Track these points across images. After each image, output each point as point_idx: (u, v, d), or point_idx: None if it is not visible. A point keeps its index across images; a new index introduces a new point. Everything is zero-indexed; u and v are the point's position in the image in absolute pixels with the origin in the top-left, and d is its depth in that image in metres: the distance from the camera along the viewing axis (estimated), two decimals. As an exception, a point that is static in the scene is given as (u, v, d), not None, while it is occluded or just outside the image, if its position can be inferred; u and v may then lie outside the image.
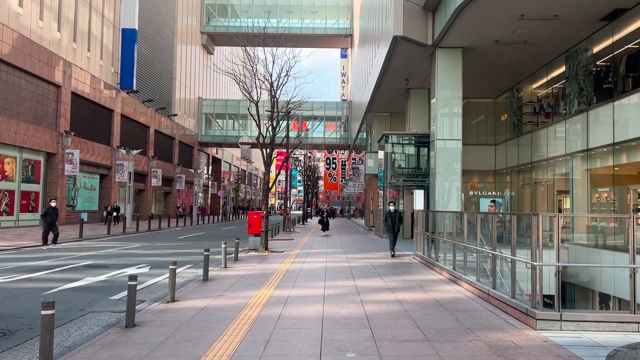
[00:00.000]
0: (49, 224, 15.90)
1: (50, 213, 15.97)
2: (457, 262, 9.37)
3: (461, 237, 9.29)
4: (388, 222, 14.28)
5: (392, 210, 14.45)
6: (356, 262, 12.58)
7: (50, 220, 15.90)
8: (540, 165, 21.88)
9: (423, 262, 12.14)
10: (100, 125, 32.79)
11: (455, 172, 19.39)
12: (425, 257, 11.92)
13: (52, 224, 15.95)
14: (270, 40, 14.67)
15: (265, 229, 14.82)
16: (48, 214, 15.95)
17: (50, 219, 15.90)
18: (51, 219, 15.91)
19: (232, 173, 71.23)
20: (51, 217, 15.92)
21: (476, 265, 7.98)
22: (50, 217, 15.90)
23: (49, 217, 15.89)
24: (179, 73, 47.74)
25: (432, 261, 11.20)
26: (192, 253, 15.04)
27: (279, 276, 9.88)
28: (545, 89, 21.74)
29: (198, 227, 31.79)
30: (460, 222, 9.89)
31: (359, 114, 42.82)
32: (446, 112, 19.61)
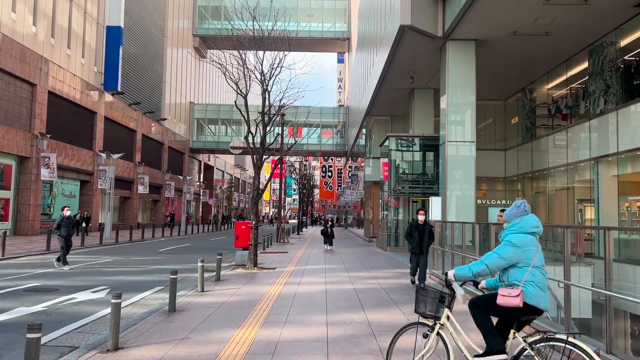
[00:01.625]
0: (64, 238, 12.89)
1: (65, 224, 13.03)
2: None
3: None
4: (414, 237, 10.20)
5: (421, 222, 10.26)
6: (362, 283, 10.52)
7: (65, 233, 12.92)
8: (557, 172, 19.96)
9: (442, 282, 10.11)
10: (82, 128, 30.66)
11: (468, 178, 17.45)
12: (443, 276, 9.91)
13: (67, 238, 13.00)
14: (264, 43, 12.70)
15: (254, 241, 12.74)
16: (62, 225, 12.98)
17: (65, 232, 12.92)
18: (67, 232, 12.97)
19: (225, 181, 69.06)
20: (66, 230, 13.00)
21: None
22: (65, 230, 12.97)
23: (63, 230, 12.94)
24: (169, 76, 45.75)
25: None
26: (169, 270, 12.90)
27: (267, 305, 7.80)
28: (563, 88, 19.90)
29: (185, 238, 29.60)
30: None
31: (357, 119, 40.93)
32: (458, 111, 17.70)
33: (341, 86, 63.31)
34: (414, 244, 10.22)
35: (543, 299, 3.61)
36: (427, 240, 10.23)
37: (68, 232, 13.04)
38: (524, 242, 3.68)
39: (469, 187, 17.30)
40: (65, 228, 12.96)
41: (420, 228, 10.25)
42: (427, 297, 4.09)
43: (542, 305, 3.60)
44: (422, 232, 10.23)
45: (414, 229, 10.28)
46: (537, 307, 3.58)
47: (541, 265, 3.70)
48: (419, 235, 10.19)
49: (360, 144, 43.51)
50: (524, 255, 3.65)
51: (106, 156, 24.93)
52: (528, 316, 3.64)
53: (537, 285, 3.58)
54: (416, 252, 10.19)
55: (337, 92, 63.56)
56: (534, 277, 3.60)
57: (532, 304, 3.56)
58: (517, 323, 3.65)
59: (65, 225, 12.99)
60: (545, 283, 3.66)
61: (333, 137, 52.71)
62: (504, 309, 3.64)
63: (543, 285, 3.63)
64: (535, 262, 3.64)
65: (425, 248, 10.18)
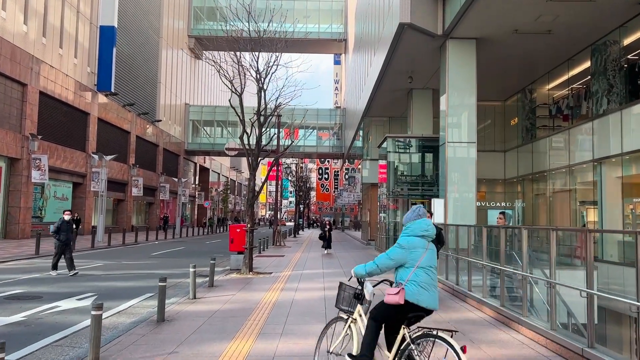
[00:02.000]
0: (63, 243, 12.13)
1: (64, 228, 12.29)
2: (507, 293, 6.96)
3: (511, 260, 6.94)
4: None
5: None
6: (361, 288, 10.07)
7: (64, 238, 12.17)
8: (558, 173, 19.61)
9: (447, 290, 9.67)
10: (74, 129, 30.12)
11: (468, 180, 17.07)
12: (450, 284, 9.45)
13: (66, 243, 12.22)
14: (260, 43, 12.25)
15: (249, 245, 12.29)
16: (61, 229, 12.25)
17: (64, 237, 12.19)
18: (65, 237, 12.21)
19: (221, 183, 68.50)
20: (65, 234, 12.25)
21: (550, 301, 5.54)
22: (64, 234, 12.22)
23: (62, 234, 12.20)
24: (164, 77, 45.25)
25: (461, 290, 8.74)
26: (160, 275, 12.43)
27: (263, 313, 7.35)
28: (564, 88, 19.57)
29: (179, 241, 29.09)
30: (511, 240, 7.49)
31: (354, 121, 40.54)
32: (458, 111, 17.32)
33: (338, 88, 62.96)
34: None
35: (424, 297, 3.77)
36: (437, 245, 9.31)
37: (67, 237, 12.30)
38: (411, 244, 3.91)
39: (469, 189, 16.91)
40: (64, 232, 12.24)
41: None
42: (345, 294, 4.39)
43: (423, 303, 3.76)
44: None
45: None
46: (418, 304, 3.75)
47: (428, 266, 3.88)
48: None
49: (357, 146, 43.12)
50: (410, 256, 3.86)
51: (99, 158, 24.41)
52: (415, 313, 3.80)
53: (418, 285, 3.78)
54: None
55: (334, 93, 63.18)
56: (417, 276, 3.81)
57: (412, 302, 3.75)
58: (407, 320, 3.81)
59: (64, 230, 12.27)
60: (429, 282, 3.83)
61: (330, 139, 52.32)
62: (392, 307, 3.81)
63: (426, 285, 3.81)
64: (420, 263, 3.84)
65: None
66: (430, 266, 3.91)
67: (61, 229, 12.28)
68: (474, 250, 9.42)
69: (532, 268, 6.84)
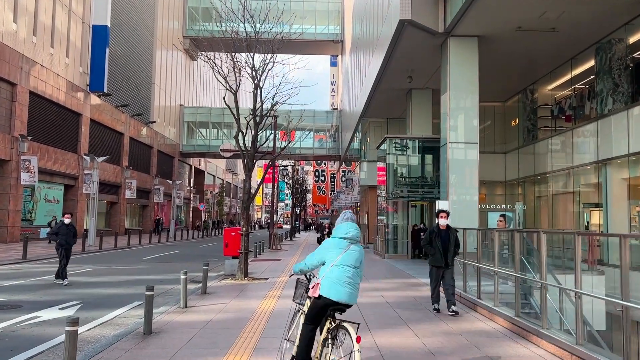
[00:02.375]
0: (63, 248, 11.09)
1: (64, 232, 11.22)
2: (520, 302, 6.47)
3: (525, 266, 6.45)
4: (435, 246, 8.11)
5: (443, 227, 8.26)
6: (364, 296, 9.53)
7: (64, 242, 11.14)
8: (561, 175, 19.19)
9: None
10: (66, 130, 29.49)
11: (471, 182, 16.62)
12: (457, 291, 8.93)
13: (67, 248, 11.22)
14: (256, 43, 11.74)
15: (244, 249, 11.75)
16: (59, 233, 11.23)
17: (63, 241, 11.15)
18: (65, 241, 11.16)
19: (217, 186, 67.84)
20: (65, 238, 11.19)
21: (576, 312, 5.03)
22: (63, 238, 11.18)
23: (61, 238, 11.19)
24: (158, 78, 44.65)
25: (470, 298, 8.23)
26: (152, 281, 11.89)
27: (258, 324, 6.82)
28: (567, 88, 19.18)
29: (173, 245, 28.49)
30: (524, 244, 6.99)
31: (351, 123, 40.09)
32: (460, 111, 16.88)
33: (334, 89, 62.51)
34: (436, 255, 8.09)
35: (335, 292, 4.11)
36: (453, 250, 8.16)
37: (67, 242, 11.22)
38: (330, 244, 4.33)
39: (471, 191, 16.46)
40: (63, 237, 11.17)
41: (443, 234, 8.14)
42: (299, 289, 4.83)
43: (335, 297, 4.11)
44: (446, 240, 8.08)
45: (435, 235, 8.14)
46: (330, 298, 4.10)
47: (344, 264, 4.20)
48: (442, 243, 8.06)
49: (354, 148, 42.66)
50: (328, 255, 4.26)
51: (90, 159, 23.81)
52: (334, 307, 4.15)
53: (331, 280, 4.14)
54: (439, 265, 8.08)
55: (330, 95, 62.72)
56: (332, 273, 4.16)
57: (325, 295, 4.11)
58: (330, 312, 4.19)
59: (64, 234, 11.19)
60: (343, 279, 4.15)
61: (326, 140, 51.83)
62: (316, 307, 4.20)
63: (339, 280, 4.14)
64: (337, 262, 4.20)
65: (451, 260, 8.10)
66: (348, 264, 4.21)
67: (59, 233, 11.22)
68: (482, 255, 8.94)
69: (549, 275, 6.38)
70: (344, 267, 4.19)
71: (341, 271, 4.18)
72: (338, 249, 4.27)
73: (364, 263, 4.45)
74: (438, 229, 8.22)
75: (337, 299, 4.09)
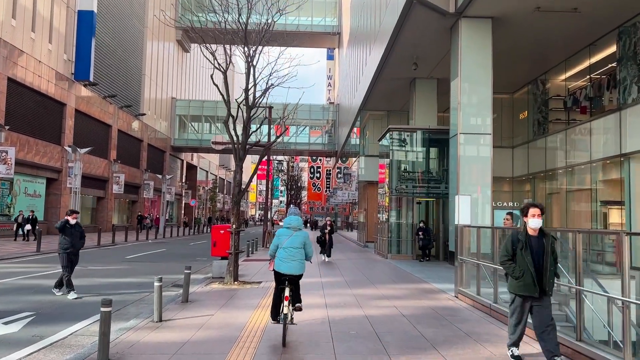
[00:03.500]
0: (68, 253, 9.08)
1: (69, 233, 9.16)
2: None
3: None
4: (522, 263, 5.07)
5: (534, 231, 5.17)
6: (374, 306, 8.14)
7: (69, 245, 9.08)
8: (576, 170, 17.88)
9: (479, 307, 7.78)
10: (49, 120, 27.88)
11: (483, 176, 15.28)
12: (484, 301, 7.55)
13: (73, 253, 9.19)
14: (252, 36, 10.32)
15: (234, 250, 10.33)
16: (65, 234, 9.15)
17: (69, 244, 9.08)
18: (71, 244, 9.11)
19: (210, 182, 66.25)
20: (70, 241, 9.10)
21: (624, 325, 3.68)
22: (68, 241, 9.09)
23: (65, 241, 9.11)
24: (148, 69, 43.01)
25: (502, 310, 6.85)
26: (129, 285, 10.45)
27: (248, 348, 5.40)
28: (583, 77, 17.89)
29: (161, 242, 26.99)
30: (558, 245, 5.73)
31: (349, 117, 38.69)
32: (472, 98, 15.53)
33: (331, 84, 61.05)
34: (525, 277, 5.01)
35: (279, 266, 5.96)
36: (552, 269, 5.08)
37: (73, 245, 9.14)
38: (280, 233, 6.15)
39: (484, 186, 15.12)
40: (68, 239, 9.10)
41: (535, 244, 5.08)
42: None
43: (282, 270, 5.94)
44: (540, 252, 5.04)
45: (521, 246, 5.09)
46: (280, 271, 5.96)
47: (288, 247, 5.97)
48: (535, 258, 5.03)
49: (351, 144, 41.29)
50: (279, 241, 6.08)
51: (72, 151, 22.28)
52: (285, 277, 5.95)
53: (279, 259, 5.99)
54: (530, 294, 5.02)
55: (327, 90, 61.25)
56: (280, 254, 6.00)
57: (276, 270, 6.00)
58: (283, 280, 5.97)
59: (69, 235, 9.13)
60: (286, 257, 5.92)
61: (322, 136, 50.40)
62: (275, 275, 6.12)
63: (284, 258, 5.93)
64: (283, 245, 6.00)
65: (549, 285, 5.02)
66: (291, 247, 5.93)
67: (65, 234, 9.15)
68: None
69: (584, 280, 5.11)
70: (287, 249, 5.92)
71: (285, 252, 5.91)
72: (284, 236, 6.03)
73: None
74: (526, 236, 5.12)
75: (285, 272, 5.87)
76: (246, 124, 10.29)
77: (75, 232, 9.25)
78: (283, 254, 5.88)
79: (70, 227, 9.19)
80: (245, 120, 10.38)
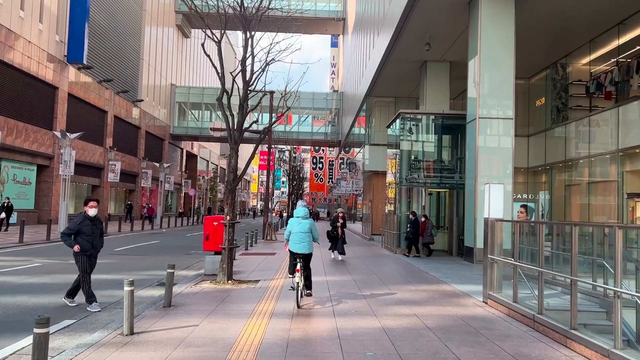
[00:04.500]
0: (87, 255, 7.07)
1: (87, 231, 7.06)
2: None
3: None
4: None
5: None
6: (390, 313, 6.88)
7: (89, 245, 7.06)
8: (599, 160, 16.58)
9: (518, 318, 6.51)
10: (39, 104, 26.60)
11: (505, 164, 14.04)
12: (525, 311, 6.27)
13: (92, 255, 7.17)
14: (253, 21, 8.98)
15: (228, 244, 9.09)
16: (82, 231, 7.06)
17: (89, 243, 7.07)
18: (91, 243, 7.10)
19: (210, 172, 64.99)
20: (91, 240, 7.09)
21: None
22: (89, 239, 7.07)
23: (85, 240, 7.05)
24: (147, 54, 41.59)
25: (550, 324, 5.58)
26: (110, 283, 9.23)
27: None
28: (608, 61, 16.57)
29: (157, 233, 25.82)
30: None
31: (353, 106, 37.28)
32: (493, 79, 14.23)
33: (334, 72, 59.52)
34: None
35: (295, 248, 7.62)
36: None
37: (93, 245, 7.13)
38: (292, 222, 7.81)
39: (504, 175, 13.85)
40: (88, 237, 7.05)
41: None
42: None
43: (294, 249, 7.62)
44: None
45: None
46: (293, 251, 7.62)
47: (298, 232, 7.64)
48: None
49: (355, 133, 39.93)
50: (291, 227, 7.74)
51: (61, 136, 21.01)
52: (296, 255, 7.60)
53: (292, 241, 7.66)
54: None
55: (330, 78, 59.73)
56: (292, 238, 7.66)
57: (291, 250, 7.68)
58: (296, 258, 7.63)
59: (87, 233, 7.06)
60: (297, 240, 7.63)
61: (325, 125, 49.01)
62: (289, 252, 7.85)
63: (296, 241, 7.63)
64: (294, 231, 7.68)
65: None
66: (300, 232, 7.66)
67: (81, 232, 7.02)
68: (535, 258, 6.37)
69: None
70: (297, 233, 7.68)
71: (296, 236, 7.68)
72: (296, 224, 7.75)
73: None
74: None
75: (297, 251, 7.61)
76: (242, 102, 9.00)
77: (96, 230, 7.16)
78: (295, 237, 7.62)
79: (90, 222, 7.07)
80: (242, 97, 9.08)
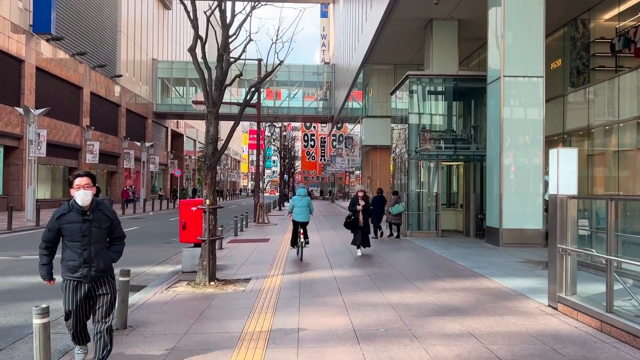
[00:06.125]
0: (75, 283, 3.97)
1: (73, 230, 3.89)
2: None
3: None
4: None
5: None
6: (435, 333, 4.95)
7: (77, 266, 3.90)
8: (629, 126, 14.71)
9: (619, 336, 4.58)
10: (4, 80, 24.11)
11: (535, 132, 12.10)
12: (631, 327, 4.40)
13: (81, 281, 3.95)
14: None
15: (208, 235, 7.10)
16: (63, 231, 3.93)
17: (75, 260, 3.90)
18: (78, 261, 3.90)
19: (197, 152, 62.60)
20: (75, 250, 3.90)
21: None
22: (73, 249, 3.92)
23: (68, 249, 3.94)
24: (125, 27, 38.80)
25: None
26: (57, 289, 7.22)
27: None
28: (639, 12, 14.58)
29: (139, 218, 23.74)
30: None
31: (346, 79, 35.02)
32: (519, 30, 12.18)
33: (325, 44, 56.89)
34: None
35: (297, 218, 10.19)
36: None
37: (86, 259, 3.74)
38: (294, 199, 10.43)
39: (535, 145, 11.94)
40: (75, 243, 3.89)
41: None
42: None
43: (298, 219, 10.19)
44: None
45: None
46: (296, 220, 10.19)
47: (299, 206, 10.23)
48: None
49: (348, 107, 37.76)
50: (294, 203, 10.29)
51: (24, 112, 18.71)
52: (299, 223, 10.19)
53: (295, 213, 10.24)
54: None
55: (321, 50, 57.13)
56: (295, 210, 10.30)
57: (294, 220, 10.24)
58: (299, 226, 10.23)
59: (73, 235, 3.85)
60: (298, 212, 10.21)
61: (317, 100, 46.69)
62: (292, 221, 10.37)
63: (298, 212, 10.19)
64: (297, 205, 10.23)
65: None
66: (301, 206, 10.18)
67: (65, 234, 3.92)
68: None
69: None
70: (299, 207, 10.18)
71: (298, 209, 10.16)
72: (298, 200, 10.24)
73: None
74: None
75: (298, 220, 10.12)
76: (222, 50, 6.90)
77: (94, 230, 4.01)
78: (297, 210, 10.21)
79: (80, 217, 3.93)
80: (221, 45, 6.98)
